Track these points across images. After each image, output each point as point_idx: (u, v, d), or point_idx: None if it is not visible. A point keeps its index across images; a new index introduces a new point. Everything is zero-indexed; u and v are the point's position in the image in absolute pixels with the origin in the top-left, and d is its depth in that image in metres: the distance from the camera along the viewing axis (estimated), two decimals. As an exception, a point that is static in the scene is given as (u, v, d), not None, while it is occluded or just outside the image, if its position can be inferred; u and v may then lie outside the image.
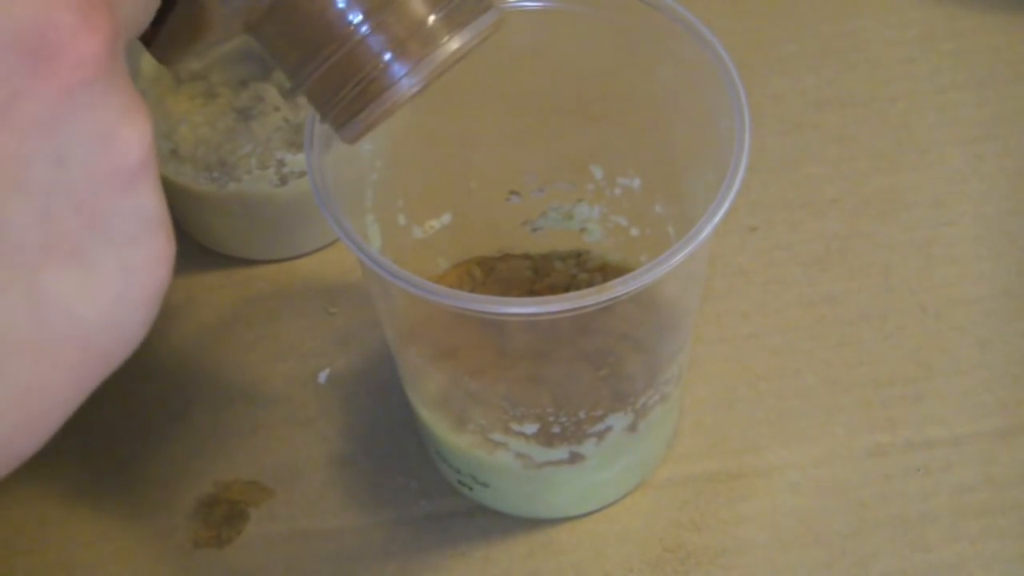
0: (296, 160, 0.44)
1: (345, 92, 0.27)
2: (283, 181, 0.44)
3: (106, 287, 0.23)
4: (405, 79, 0.27)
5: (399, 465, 0.42)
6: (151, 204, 0.24)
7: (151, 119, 0.24)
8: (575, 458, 0.37)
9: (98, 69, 0.22)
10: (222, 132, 0.44)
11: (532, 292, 0.43)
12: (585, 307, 0.30)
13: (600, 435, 0.37)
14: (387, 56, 0.27)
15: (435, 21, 0.27)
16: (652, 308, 0.36)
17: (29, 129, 0.22)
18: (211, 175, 0.44)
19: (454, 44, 0.27)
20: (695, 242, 0.30)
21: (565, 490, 0.39)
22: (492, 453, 0.37)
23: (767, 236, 0.47)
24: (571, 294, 0.29)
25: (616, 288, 0.29)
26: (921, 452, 0.41)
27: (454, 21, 0.27)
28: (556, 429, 0.36)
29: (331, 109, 0.28)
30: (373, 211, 0.38)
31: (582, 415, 0.36)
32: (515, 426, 0.36)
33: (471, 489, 0.40)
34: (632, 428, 0.37)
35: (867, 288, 0.45)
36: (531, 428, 0.36)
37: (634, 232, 0.42)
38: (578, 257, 0.43)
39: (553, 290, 0.42)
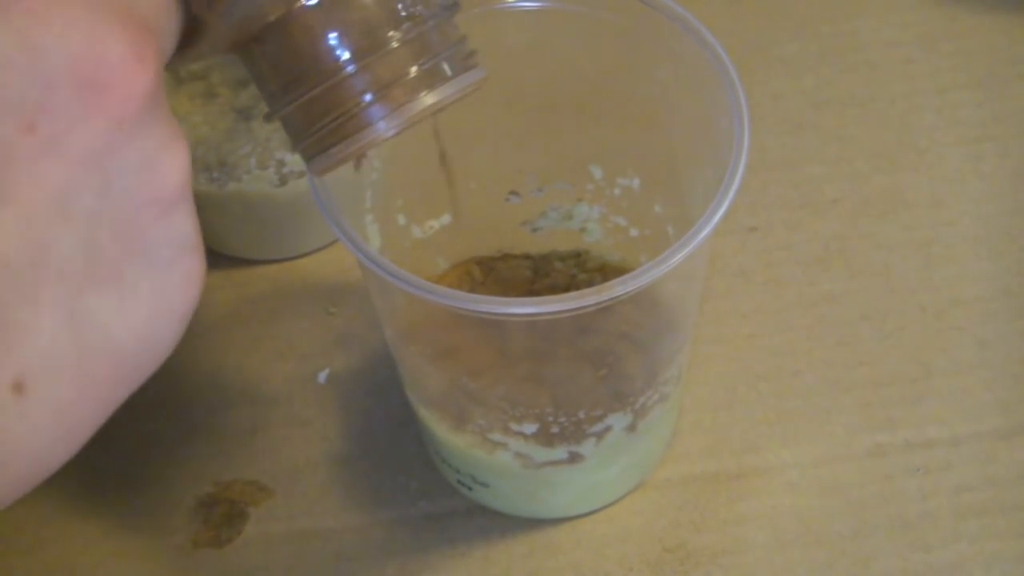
0: (296, 160, 0.44)
1: (321, 125, 0.28)
2: (283, 181, 0.44)
3: (141, 308, 0.24)
4: (382, 122, 0.27)
5: (398, 465, 0.42)
6: (186, 228, 0.25)
7: (188, 147, 0.24)
8: (574, 458, 0.37)
9: (145, 101, 0.23)
10: (222, 132, 0.44)
11: (532, 292, 0.43)
12: (584, 307, 0.30)
13: (599, 435, 0.37)
14: (368, 97, 0.27)
15: (420, 72, 0.28)
16: (652, 308, 0.36)
17: (79, 161, 0.22)
18: (211, 175, 0.44)
19: (434, 97, 0.28)
20: (694, 242, 0.30)
21: (564, 490, 0.39)
22: (491, 453, 0.37)
23: (767, 236, 0.47)
24: (570, 294, 0.29)
25: (615, 288, 0.29)
26: (921, 452, 0.41)
27: (439, 75, 0.28)
28: (555, 429, 0.36)
29: (304, 139, 0.28)
30: (372, 211, 0.38)
31: (581, 415, 0.36)
32: (514, 426, 0.36)
33: (470, 489, 0.40)
34: (631, 428, 0.37)
35: (867, 288, 0.45)
36: (530, 428, 0.36)
37: (633, 232, 0.42)
38: (577, 257, 0.43)
39: (553, 290, 0.42)
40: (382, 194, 0.38)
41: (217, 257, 0.48)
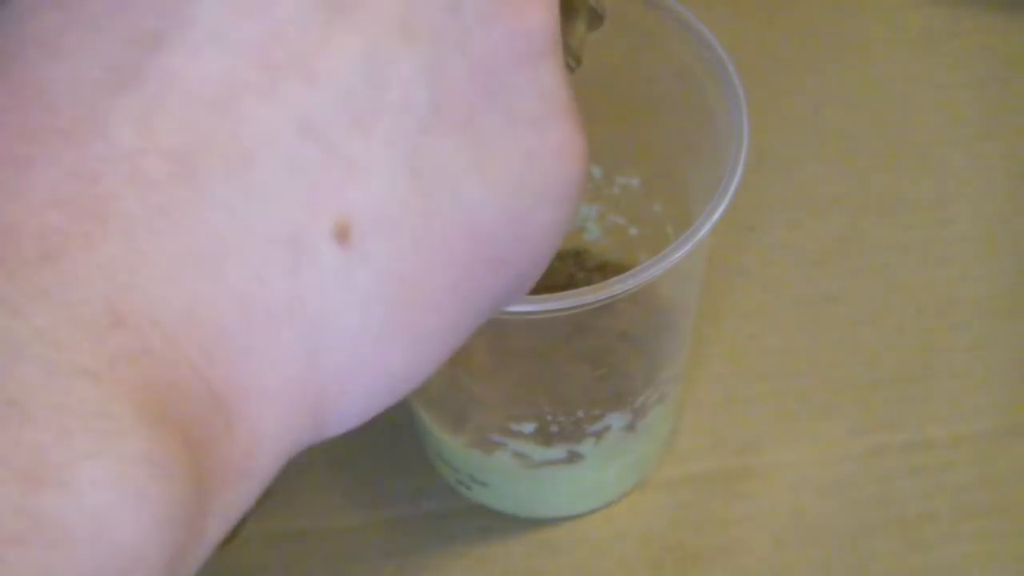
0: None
1: None
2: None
3: (503, 170, 0.20)
4: None
5: (398, 465, 0.42)
6: (556, 84, 0.21)
7: (555, 9, 0.21)
8: (573, 457, 0.37)
9: None
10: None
11: (530, 291, 0.42)
12: (583, 306, 0.30)
13: (599, 434, 0.37)
14: None
15: None
16: (651, 307, 0.36)
17: None
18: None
19: None
20: (693, 241, 0.30)
21: (564, 489, 0.39)
22: (490, 452, 0.37)
23: (767, 235, 0.47)
24: (569, 292, 0.29)
25: (614, 287, 0.29)
26: (920, 452, 0.41)
27: None
28: (554, 428, 0.36)
29: None
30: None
31: (580, 414, 0.36)
32: (513, 425, 0.36)
33: (469, 489, 0.40)
34: (631, 428, 0.37)
35: (867, 288, 0.45)
36: (529, 427, 0.36)
37: (633, 231, 0.42)
38: (576, 256, 0.43)
39: (551, 289, 0.42)
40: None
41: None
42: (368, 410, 0.20)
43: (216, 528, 0.19)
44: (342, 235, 0.19)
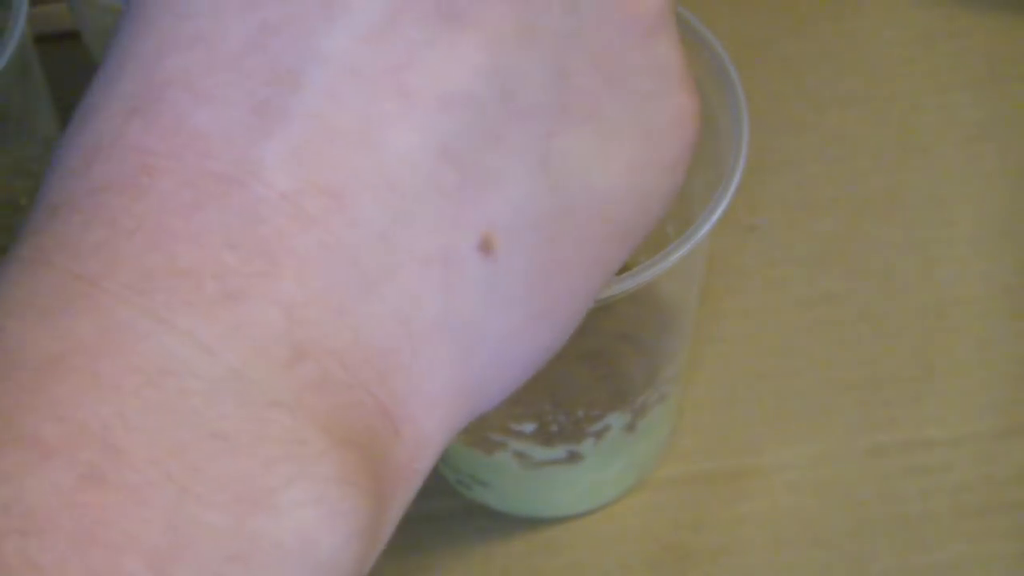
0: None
1: None
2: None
3: (626, 152, 0.21)
4: None
5: (398, 464, 0.42)
6: (671, 55, 0.21)
7: None
8: (573, 457, 0.37)
9: None
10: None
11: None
12: (583, 305, 0.30)
13: (598, 434, 0.37)
14: None
15: None
16: (650, 307, 0.36)
17: None
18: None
19: None
20: (692, 240, 0.30)
21: (563, 489, 0.39)
22: (491, 452, 0.37)
23: (767, 236, 0.47)
24: (569, 292, 0.29)
25: (614, 287, 0.29)
26: (920, 452, 0.41)
27: None
28: (554, 428, 0.36)
29: None
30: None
31: (580, 414, 0.36)
32: (514, 425, 0.36)
33: (470, 488, 0.40)
34: (630, 427, 0.37)
35: (867, 288, 0.45)
36: (529, 427, 0.36)
37: (633, 231, 0.42)
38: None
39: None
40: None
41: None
42: (513, 387, 0.22)
43: (388, 532, 0.20)
44: (487, 247, 0.20)
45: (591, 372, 0.36)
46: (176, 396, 0.18)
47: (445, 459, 0.40)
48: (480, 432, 0.37)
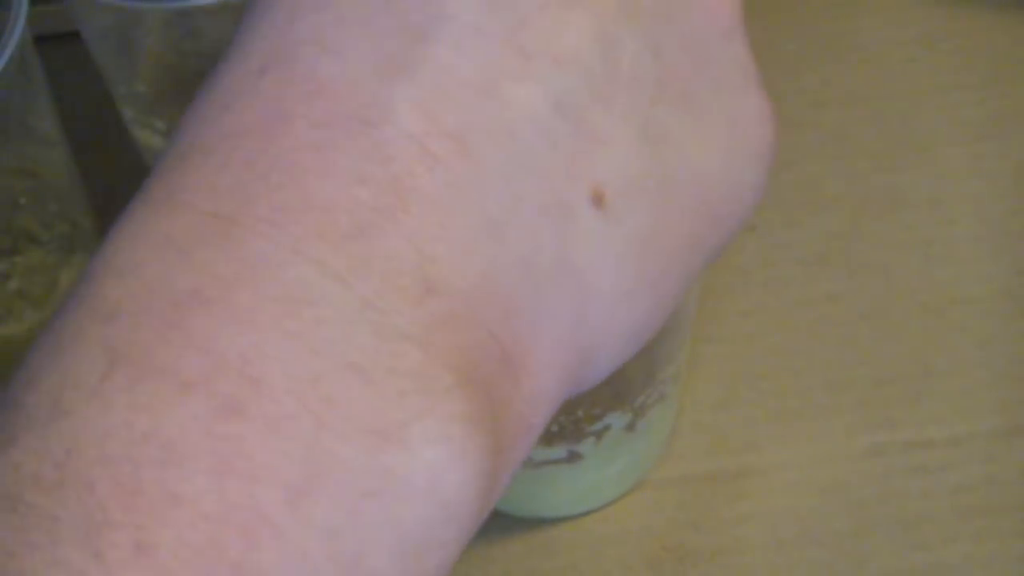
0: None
1: None
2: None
3: (716, 136, 0.22)
4: None
5: (398, 464, 0.42)
6: (748, 56, 0.23)
7: None
8: (573, 457, 0.37)
9: None
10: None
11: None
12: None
13: (598, 434, 0.37)
14: None
15: None
16: (650, 307, 0.36)
17: None
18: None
19: None
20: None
21: (563, 489, 0.39)
22: (490, 452, 0.37)
23: (766, 235, 0.47)
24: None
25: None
26: (920, 452, 0.41)
27: None
28: (554, 427, 0.36)
29: None
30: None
31: (580, 414, 0.36)
32: (513, 425, 0.36)
33: (470, 488, 0.40)
34: (630, 427, 0.37)
35: (867, 288, 0.45)
36: (529, 427, 0.36)
37: (633, 231, 0.42)
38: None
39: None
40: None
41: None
42: (616, 362, 0.22)
43: (504, 484, 0.21)
44: (598, 200, 0.20)
45: (591, 372, 0.36)
46: (312, 326, 0.18)
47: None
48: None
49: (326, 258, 0.18)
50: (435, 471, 0.18)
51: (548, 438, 0.37)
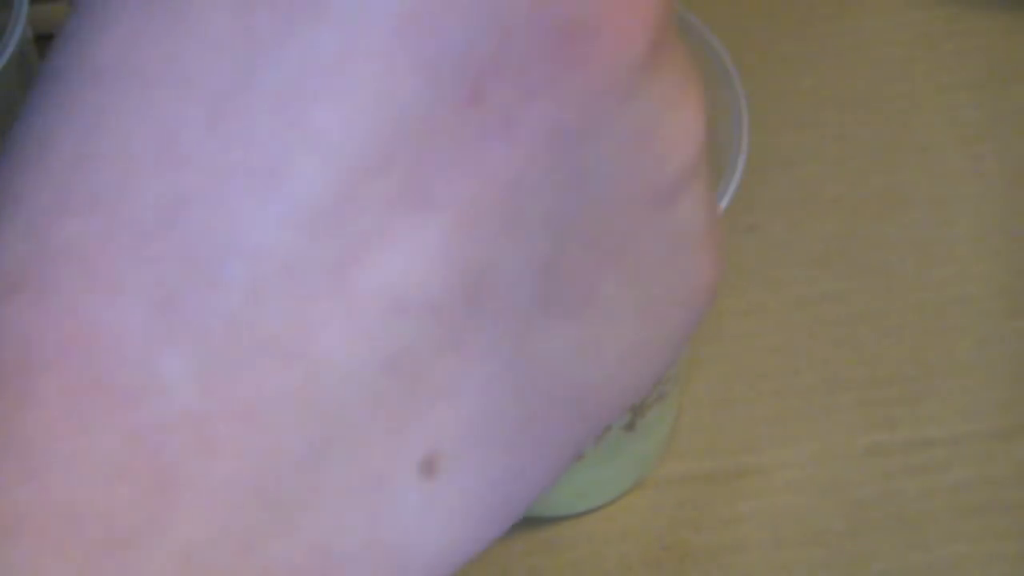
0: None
1: None
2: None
3: (618, 338, 0.18)
4: None
5: (398, 464, 0.42)
6: (694, 217, 0.17)
7: (702, 90, 0.17)
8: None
9: (649, 46, 0.16)
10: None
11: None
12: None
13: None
14: None
15: None
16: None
17: (537, 144, 0.15)
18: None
19: None
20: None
21: (563, 488, 0.39)
22: (490, 452, 0.37)
23: (766, 235, 0.47)
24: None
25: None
26: (920, 452, 0.41)
27: None
28: (554, 428, 0.36)
29: None
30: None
31: (580, 414, 0.36)
32: (513, 425, 0.36)
33: (470, 488, 0.40)
34: (630, 427, 0.37)
35: (867, 288, 0.45)
36: (529, 427, 0.36)
37: (633, 231, 0.42)
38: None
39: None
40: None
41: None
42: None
43: None
44: (428, 468, 0.17)
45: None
46: None
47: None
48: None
49: None
50: None
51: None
